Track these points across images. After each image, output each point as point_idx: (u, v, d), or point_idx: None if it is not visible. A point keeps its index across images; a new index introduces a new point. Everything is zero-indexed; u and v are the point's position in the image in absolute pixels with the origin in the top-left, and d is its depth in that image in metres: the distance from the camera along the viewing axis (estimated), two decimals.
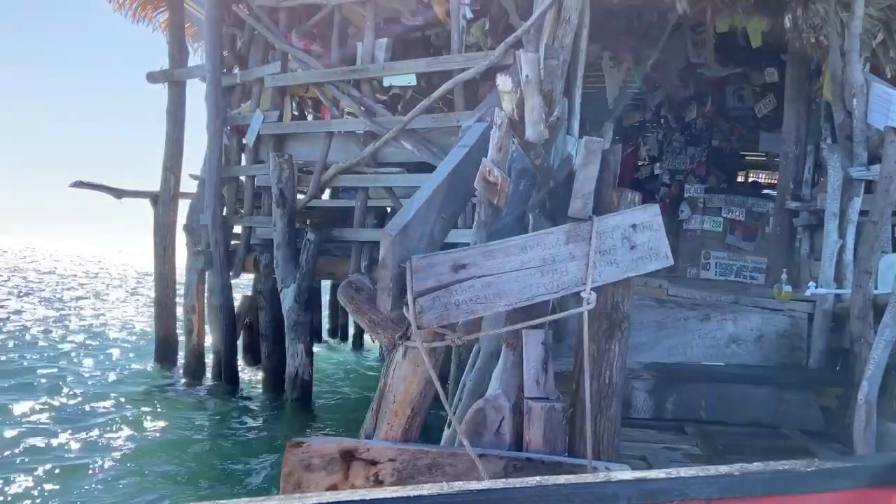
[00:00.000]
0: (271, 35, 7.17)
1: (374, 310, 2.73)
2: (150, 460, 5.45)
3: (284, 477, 2.46)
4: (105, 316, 15.50)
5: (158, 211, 8.71)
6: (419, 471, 2.50)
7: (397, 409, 2.57)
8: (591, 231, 2.54)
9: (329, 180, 6.65)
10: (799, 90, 6.11)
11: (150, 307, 10.94)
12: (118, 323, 14.17)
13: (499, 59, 5.45)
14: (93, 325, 13.75)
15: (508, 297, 2.48)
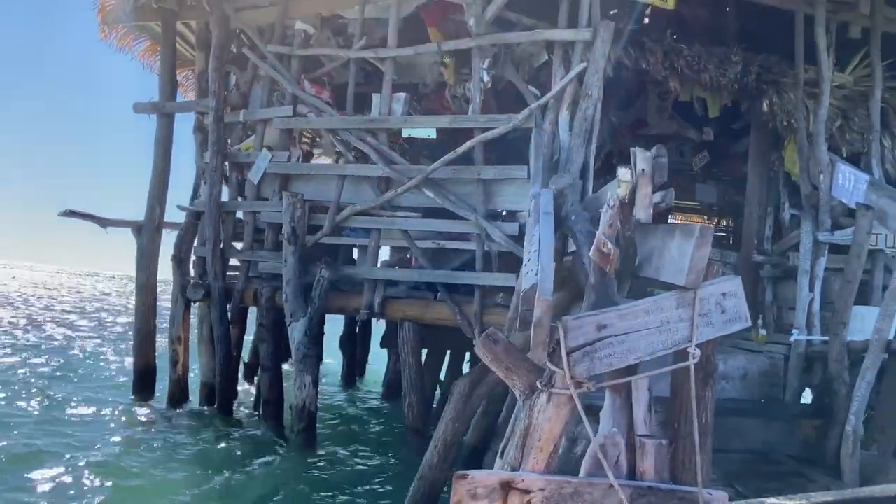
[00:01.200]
0: (284, 80, 7.49)
1: (510, 358, 3.21)
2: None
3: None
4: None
5: (142, 241, 8.73)
6: (563, 498, 2.98)
7: (542, 445, 3.06)
8: (694, 298, 3.16)
9: (343, 220, 7.01)
10: (762, 159, 7.06)
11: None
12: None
13: (521, 122, 6.06)
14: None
15: (637, 352, 3.04)
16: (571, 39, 5.90)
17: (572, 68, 5.88)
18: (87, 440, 7.03)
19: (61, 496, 5.48)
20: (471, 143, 6.26)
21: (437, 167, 6.39)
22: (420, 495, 4.84)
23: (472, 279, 6.37)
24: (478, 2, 6.36)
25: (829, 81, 5.97)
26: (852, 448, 4.55)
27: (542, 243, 3.56)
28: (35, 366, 11.43)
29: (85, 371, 11.46)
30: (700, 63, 6.06)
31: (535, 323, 2.99)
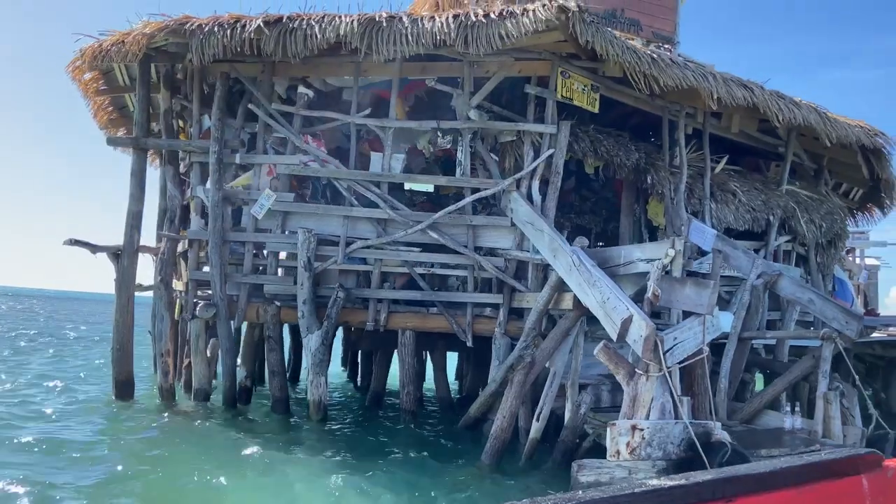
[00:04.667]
0: (290, 135, 8.99)
1: (618, 358, 5.79)
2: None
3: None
4: None
5: (123, 264, 9.50)
6: (656, 431, 5.66)
7: (644, 404, 5.68)
8: (704, 319, 6.02)
9: (352, 251, 8.81)
10: (631, 209, 10.37)
11: None
12: None
13: (505, 186, 8.52)
14: None
15: (687, 351, 5.83)
16: (542, 132, 8.51)
17: (542, 152, 8.50)
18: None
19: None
20: (467, 200, 8.58)
21: (441, 215, 8.58)
22: (495, 444, 7.14)
23: (466, 298, 8.68)
24: (465, 93, 8.68)
25: (686, 166, 9.38)
26: (724, 396, 7.82)
27: (612, 287, 6.17)
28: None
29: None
30: (614, 149, 9.06)
31: (645, 338, 5.57)
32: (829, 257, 11.75)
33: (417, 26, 7.66)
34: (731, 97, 8.36)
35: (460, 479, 6.78)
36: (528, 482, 6.80)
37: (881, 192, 12.85)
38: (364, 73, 9.05)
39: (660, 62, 7.76)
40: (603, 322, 6.19)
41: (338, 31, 7.76)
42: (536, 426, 7.32)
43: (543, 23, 7.26)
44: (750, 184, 10.24)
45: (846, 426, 6.94)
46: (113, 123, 12.42)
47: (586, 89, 8.71)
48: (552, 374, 7.40)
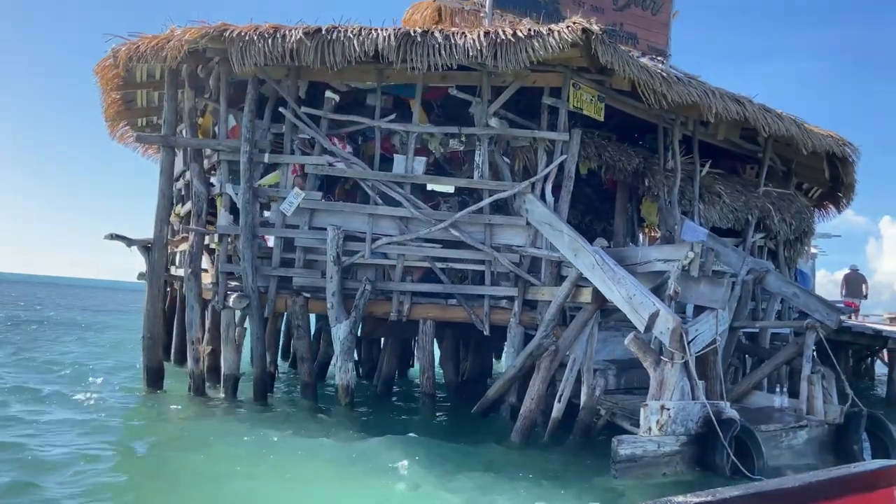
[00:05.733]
0: (318, 136, 9.53)
1: (646, 347, 6.65)
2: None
3: None
4: None
5: (153, 256, 9.93)
6: (680, 410, 6.54)
7: (670, 388, 6.55)
8: (717, 313, 6.92)
9: (378, 247, 9.43)
10: (625, 207, 11.27)
11: None
12: None
13: (520, 189, 9.27)
14: None
15: (705, 341, 6.72)
16: (556, 139, 9.28)
17: (555, 157, 9.28)
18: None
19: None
20: (486, 201, 9.31)
21: (462, 215, 9.29)
22: (525, 424, 7.94)
23: (484, 290, 9.43)
24: (484, 102, 9.39)
25: (680, 170, 10.31)
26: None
27: (636, 284, 7.01)
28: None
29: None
30: (617, 155, 9.92)
31: (672, 330, 6.43)
32: (795, 252, 12.94)
33: (450, 42, 8.30)
34: (726, 111, 9.30)
35: (494, 456, 7.57)
36: (553, 457, 7.64)
37: (839, 193, 14.15)
38: (386, 80, 9.65)
39: (669, 80, 8.62)
40: (629, 315, 7.03)
41: (376, 45, 8.34)
42: (558, 407, 8.16)
43: (568, 43, 8.00)
44: (732, 186, 11.26)
45: (827, 404, 7.98)
46: (119, 116, 12.71)
47: (594, 100, 9.52)
48: (572, 361, 8.24)
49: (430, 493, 6.28)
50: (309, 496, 6.21)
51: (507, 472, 7.00)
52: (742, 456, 6.61)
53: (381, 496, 6.21)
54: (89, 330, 23.06)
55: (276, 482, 6.34)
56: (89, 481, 6.04)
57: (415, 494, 6.26)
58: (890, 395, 15.18)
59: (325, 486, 6.43)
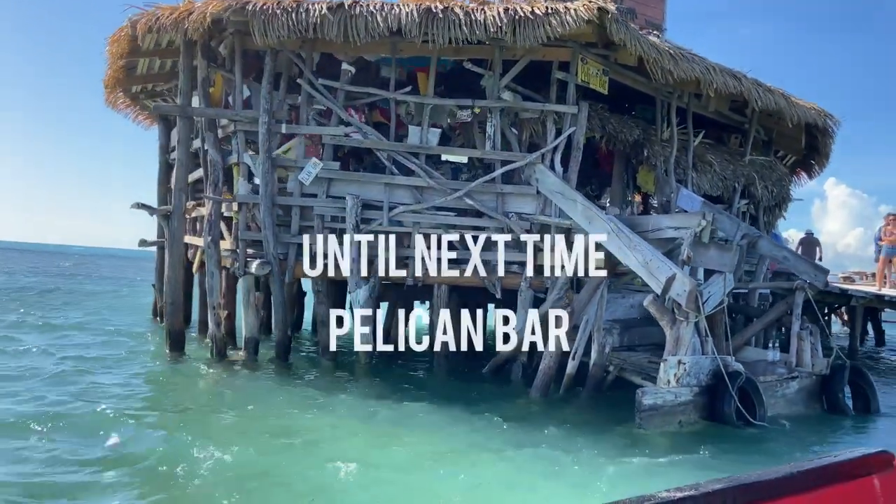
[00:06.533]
0: (335, 108, 9.81)
1: (663, 308, 7.28)
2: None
3: None
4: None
5: (173, 225, 10.17)
6: (694, 364, 7.21)
7: (683, 345, 7.20)
8: (725, 276, 7.57)
9: (395, 215, 9.84)
10: (622, 175, 11.85)
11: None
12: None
13: (531, 159, 9.74)
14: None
15: (715, 301, 7.37)
16: (565, 111, 9.75)
17: (564, 129, 9.76)
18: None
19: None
20: (498, 171, 9.76)
21: (476, 185, 9.73)
22: (544, 380, 8.56)
23: (496, 256, 9.93)
24: (496, 75, 9.77)
25: (676, 140, 10.90)
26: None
27: (652, 250, 7.61)
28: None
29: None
30: (619, 126, 10.44)
31: (689, 293, 7.05)
32: (773, 216, 13.76)
33: (471, 17, 8.64)
34: (725, 86, 9.87)
35: (518, 409, 8.20)
36: (570, 409, 8.31)
37: (812, 161, 15.00)
38: (400, 52, 9.94)
39: (676, 57, 9.13)
40: (646, 279, 7.64)
41: (399, 20, 8.63)
42: (572, 364, 8.80)
43: (584, 21, 8.43)
44: (721, 155, 11.92)
45: (814, 358, 8.78)
46: (119, 83, 12.73)
47: (599, 73, 9.98)
48: (584, 322, 8.85)
49: (465, 441, 6.86)
50: (363, 448, 6.73)
51: (533, 422, 7.62)
52: (745, 405, 7.35)
53: (422, 445, 6.77)
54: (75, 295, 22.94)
55: (333, 433, 6.85)
56: (140, 445, 6.45)
57: (451, 444, 6.83)
58: (851, 349, 16.32)
59: (371, 437, 6.96)
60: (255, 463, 5.74)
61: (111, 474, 5.31)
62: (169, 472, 5.43)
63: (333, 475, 5.52)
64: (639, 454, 6.64)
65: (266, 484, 5.31)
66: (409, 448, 6.57)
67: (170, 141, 13.90)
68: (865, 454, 1.86)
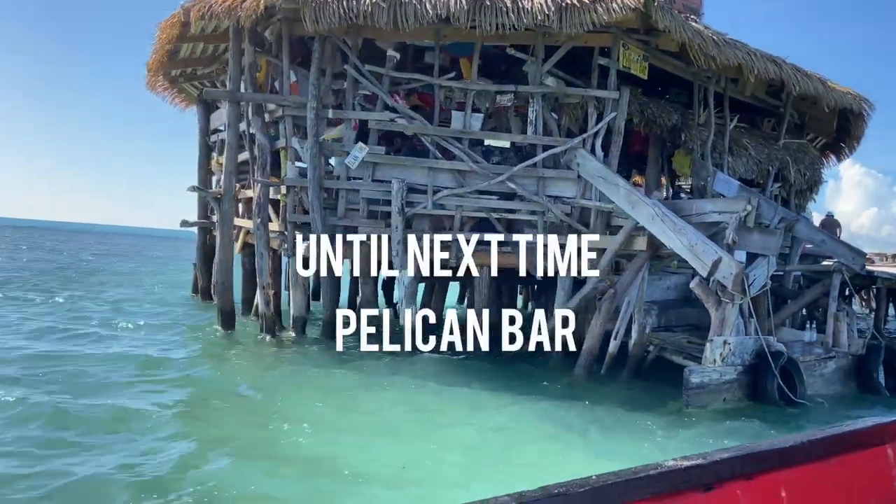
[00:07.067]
0: (381, 93, 10.05)
1: (708, 290, 7.53)
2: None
3: None
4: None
5: (224, 207, 10.50)
6: (738, 343, 7.48)
7: (728, 325, 7.46)
8: (769, 260, 7.80)
9: (440, 198, 10.10)
10: (657, 159, 12.03)
11: None
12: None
13: (573, 144, 9.95)
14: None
15: (759, 284, 7.61)
16: (606, 97, 9.93)
17: (605, 115, 9.95)
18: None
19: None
20: (541, 156, 9.98)
21: (518, 169, 9.97)
22: (588, 359, 8.86)
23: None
24: (539, 61, 9.96)
25: (713, 125, 11.05)
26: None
27: (697, 234, 7.84)
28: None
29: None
30: (658, 111, 10.62)
31: (735, 276, 7.29)
32: (804, 199, 13.89)
33: (518, 5, 8.82)
34: (766, 72, 10.00)
35: (563, 387, 8.51)
36: (614, 386, 8.63)
37: (842, 144, 15.09)
38: (444, 39, 10.15)
39: (720, 43, 9.28)
40: (691, 262, 7.88)
41: (448, 8, 8.83)
42: (614, 343, 9.08)
43: (630, 9, 8.59)
44: (756, 139, 12.06)
45: (850, 338, 9.02)
46: (161, 67, 13.01)
47: (639, 59, 10.15)
48: (626, 303, 9.12)
49: (516, 417, 7.18)
50: (415, 417, 7.07)
51: (580, 398, 7.94)
52: (786, 383, 7.61)
53: (476, 413, 7.10)
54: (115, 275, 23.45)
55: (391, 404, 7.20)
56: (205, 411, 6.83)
57: (505, 418, 7.15)
58: (876, 330, 16.48)
59: (424, 410, 7.30)
60: (333, 430, 6.10)
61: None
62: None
63: (391, 461, 5.74)
64: (684, 428, 6.95)
65: (351, 461, 5.65)
66: (465, 427, 6.89)
67: (209, 124, 14.27)
68: (879, 423, 1.81)
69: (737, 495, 1.56)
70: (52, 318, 11.92)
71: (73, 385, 7.27)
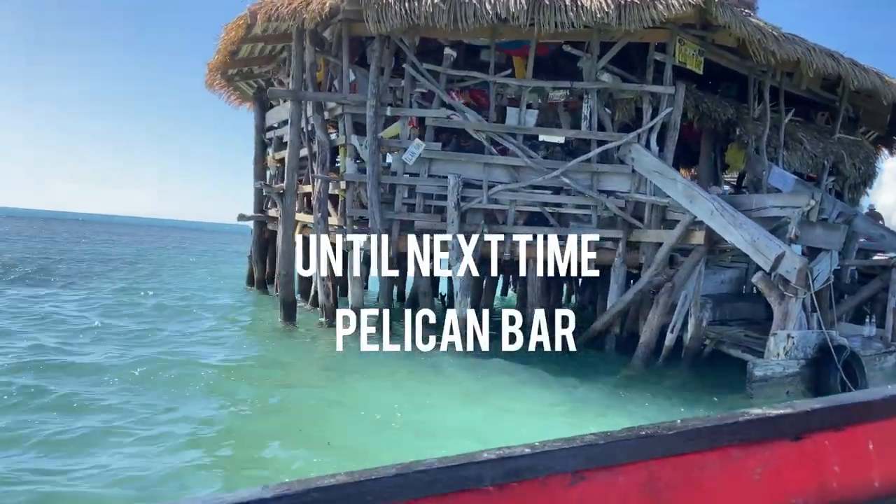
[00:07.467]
0: (438, 91, 10.27)
1: (771, 285, 7.60)
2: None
3: None
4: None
5: (286, 202, 10.84)
6: (802, 336, 7.55)
7: (791, 319, 7.54)
8: (832, 255, 7.83)
9: (494, 193, 10.30)
10: (710, 153, 12.05)
11: None
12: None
13: (627, 139, 10.05)
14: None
15: (822, 279, 7.66)
16: (662, 92, 10.01)
17: (660, 110, 10.02)
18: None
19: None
20: (595, 151, 10.11)
21: (573, 164, 10.11)
22: (645, 352, 9.00)
23: (591, 232, 10.32)
24: (592, 58, 10.07)
25: (769, 119, 11.04)
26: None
27: (758, 228, 7.90)
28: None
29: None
30: (713, 106, 10.65)
31: (799, 271, 7.35)
32: (858, 193, 13.76)
33: (577, 3, 8.95)
34: (824, 67, 9.98)
35: (622, 379, 8.65)
36: (672, 379, 8.74)
37: (895, 137, 14.90)
38: (500, 36, 10.31)
39: (780, 39, 9.29)
40: (753, 256, 7.96)
41: (507, 8, 9.00)
42: (670, 337, 9.19)
43: (690, 5, 8.66)
44: (810, 133, 12.00)
45: None
46: (222, 66, 13.42)
47: (695, 54, 10.19)
48: (683, 296, 9.21)
49: (583, 406, 7.36)
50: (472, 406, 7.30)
51: (641, 389, 8.09)
52: (848, 377, 7.65)
53: (543, 404, 7.29)
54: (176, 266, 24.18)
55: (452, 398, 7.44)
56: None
57: (571, 406, 7.34)
58: None
59: (489, 400, 7.52)
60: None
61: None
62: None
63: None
64: None
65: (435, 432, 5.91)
66: (530, 416, 7.09)
67: (264, 122, 14.67)
68: None
69: (825, 446, 1.54)
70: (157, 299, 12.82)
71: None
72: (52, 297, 13.24)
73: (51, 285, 15.34)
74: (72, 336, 9.42)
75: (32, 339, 8.85)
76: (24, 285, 14.99)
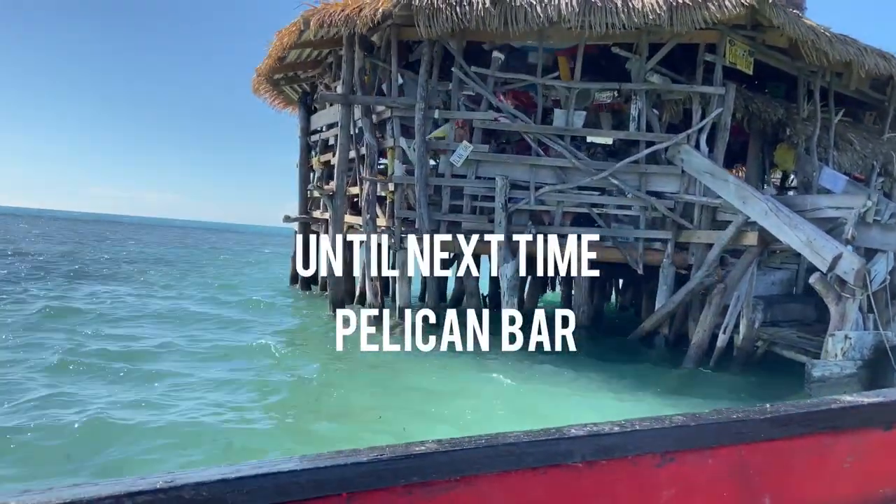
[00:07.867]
0: (486, 93, 10.39)
1: (829, 286, 7.56)
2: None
3: None
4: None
5: (336, 203, 11.05)
6: (862, 337, 7.51)
7: (848, 320, 7.50)
8: (889, 256, 7.77)
9: (541, 194, 10.38)
10: (758, 154, 11.98)
11: None
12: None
13: (677, 140, 10.05)
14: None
15: (879, 280, 7.61)
16: (712, 93, 10.00)
17: (709, 111, 10.02)
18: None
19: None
20: (644, 152, 10.13)
21: (621, 165, 10.14)
22: (697, 352, 9.01)
23: (639, 233, 10.35)
24: (641, 59, 10.10)
25: (821, 120, 10.95)
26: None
27: (814, 229, 7.87)
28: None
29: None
30: (763, 106, 10.61)
31: (857, 272, 7.31)
32: None
33: (628, 5, 9.00)
34: (875, 68, 9.89)
35: (674, 379, 8.67)
36: (724, 379, 8.74)
37: None
38: (548, 39, 10.40)
39: (833, 40, 9.24)
40: (809, 257, 7.93)
41: (559, 10, 9.08)
42: (723, 337, 9.18)
43: (743, 6, 8.66)
44: (860, 133, 11.87)
45: None
46: (271, 70, 13.71)
47: (745, 54, 10.17)
48: (735, 297, 9.20)
49: (635, 407, 7.40)
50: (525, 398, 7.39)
51: (696, 391, 8.11)
52: None
53: (595, 406, 7.36)
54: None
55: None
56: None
57: (622, 407, 7.39)
58: None
59: (543, 391, 7.61)
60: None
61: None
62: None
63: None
64: None
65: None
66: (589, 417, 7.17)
67: (309, 125, 14.92)
68: None
69: None
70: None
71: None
72: (153, 295, 14.26)
73: (150, 285, 16.57)
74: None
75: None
76: (116, 283, 15.96)
